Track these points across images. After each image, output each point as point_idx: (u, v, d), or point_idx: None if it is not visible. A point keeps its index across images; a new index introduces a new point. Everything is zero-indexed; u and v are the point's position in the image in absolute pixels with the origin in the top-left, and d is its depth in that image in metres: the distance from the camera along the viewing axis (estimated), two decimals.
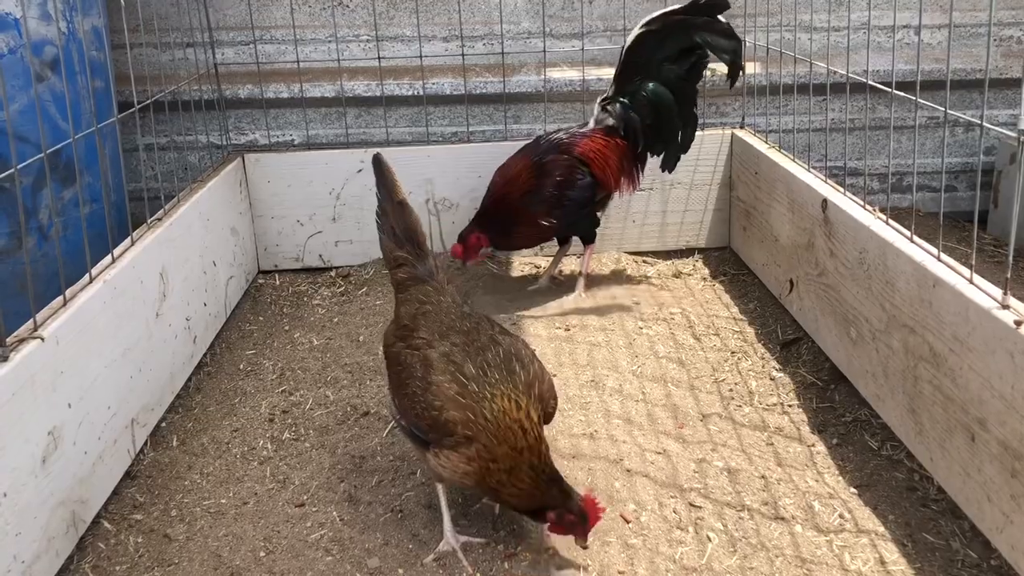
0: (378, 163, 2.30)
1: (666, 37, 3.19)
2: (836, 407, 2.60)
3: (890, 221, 2.44)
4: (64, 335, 2.05)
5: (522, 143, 3.48)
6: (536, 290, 3.48)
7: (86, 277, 2.29)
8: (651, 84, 3.26)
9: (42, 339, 1.95)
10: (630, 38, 3.23)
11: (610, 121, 3.32)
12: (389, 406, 2.14)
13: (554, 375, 2.78)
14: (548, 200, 3.25)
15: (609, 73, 3.76)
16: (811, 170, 3.00)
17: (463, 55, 3.74)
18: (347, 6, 3.85)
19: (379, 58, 3.73)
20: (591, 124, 3.36)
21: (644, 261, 3.74)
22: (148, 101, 2.88)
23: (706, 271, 3.64)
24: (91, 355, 2.18)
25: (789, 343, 2.95)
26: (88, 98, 3.09)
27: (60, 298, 2.15)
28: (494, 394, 1.89)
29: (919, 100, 2.31)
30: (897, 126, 3.93)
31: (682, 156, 3.38)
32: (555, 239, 3.50)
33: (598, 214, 3.43)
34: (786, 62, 3.29)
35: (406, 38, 3.88)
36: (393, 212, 2.24)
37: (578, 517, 1.89)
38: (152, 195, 3.26)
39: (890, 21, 3.85)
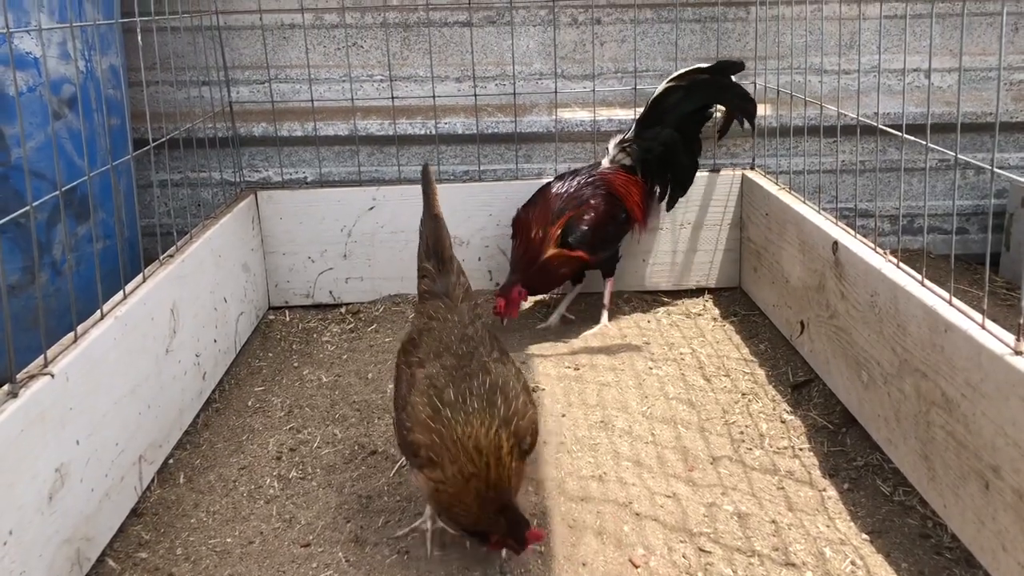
0: (425, 173, 2.48)
1: (691, 92, 3.44)
2: (847, 451, 2.57)
3: (901, 264, 2.43)
4: (74, 372, 2.05)
5: (533, 182, 3.51)
6: (546, 328, 3.48)
7: (97, 313, 2.30)
8: (669, 131, 3.46)
9: (52, 375, 1.96)
10: (659, 88, 3.44)
11: (627, 161, 3.48)
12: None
13: (562, 415, 2.78)
14: (588, 236, 3.33)
15: (620, 114, 3.82)
16: (822, 212, 3.00)
17: (475, 95, 3.77)
18: (361, 46, 3.90)
19: (392, 98, 3.77)
20: (605, 163, 3.47)
21: (654, 300, 3.74)
22: (163, 139, 2.91)
23: (716, 311, 3.63)
24: (100, 391, 2.19)
25: (800, 385, 2.93)
26: (104, 135, 3.13)
27: (71, 334, 2.16)
28: (466, 421, 1.92)
29: (929, 144, 2.31)
30: (908, 168, 3.93)
31: (685, 197, 3.61)
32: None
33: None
34: (796, 104, 3.31)
35: (419, 78, 3.91)
36: (427, 223, 2.39)
37: (515, 543, 1.94)
38: (165, 231, 3.28)
39: (900, 64, 3.87)
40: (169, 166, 3.32)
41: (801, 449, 2.61)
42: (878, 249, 2.59)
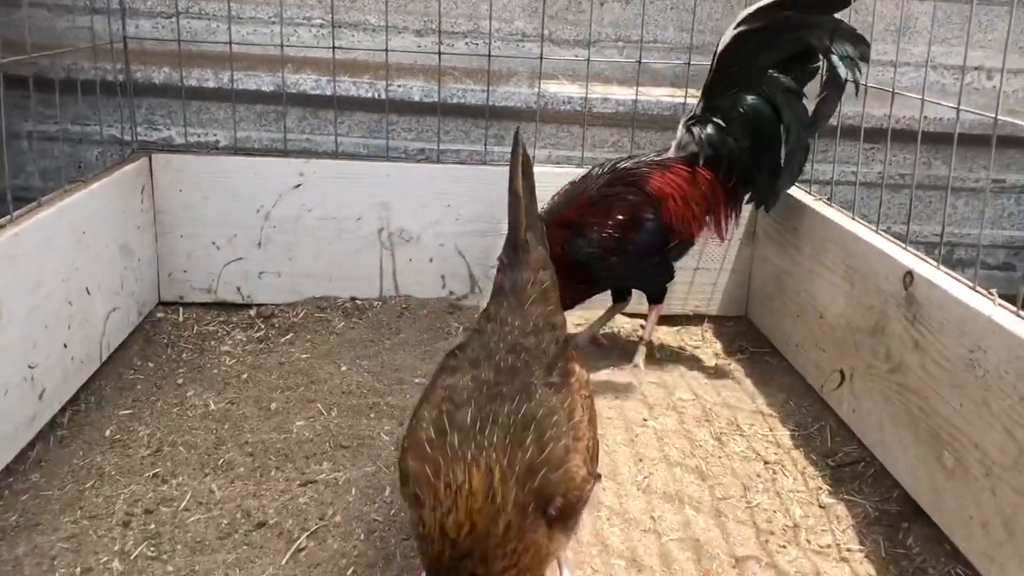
0: (515, 138, 1.91)
1: (771, 39, 2.57)
2: (913, 555, 1.92)
3: (1022, 312, 1.75)
4: None
5: (504, 169, 2.79)
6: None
7: None
8: (750, 98, 2.63)
9: None
10: (724, 40, 2.60)
11: (693, 147, 2.66)
12: None
13: None
14: (603, 243, 2.58)
15: (618, 92, 3.20)
16: (881, 232, 2.32)
17: (439, 54, 3.05)
18: None
19: (333, 48, 3.03)
20: (672, 150, 2.71)
21: (643, 327, 3.03)
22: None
23: (719, 345, 2.96)
24: None
25: (845, 464, 2.25)
26: None
27: None
28: (472, 458, 1.43)
29: None
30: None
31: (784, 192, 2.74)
32: (609, 292, 2.83)
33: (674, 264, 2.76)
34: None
35: (370, 27, 3.25)
36: (509, 201, 1.86)
37: None
38: (34, 196, 2.49)
39: (956, 60, 3.25)
40: (42, 113, 2.52)
41: (850, 549, 1.95)
42: (978, 288, 1.90)
